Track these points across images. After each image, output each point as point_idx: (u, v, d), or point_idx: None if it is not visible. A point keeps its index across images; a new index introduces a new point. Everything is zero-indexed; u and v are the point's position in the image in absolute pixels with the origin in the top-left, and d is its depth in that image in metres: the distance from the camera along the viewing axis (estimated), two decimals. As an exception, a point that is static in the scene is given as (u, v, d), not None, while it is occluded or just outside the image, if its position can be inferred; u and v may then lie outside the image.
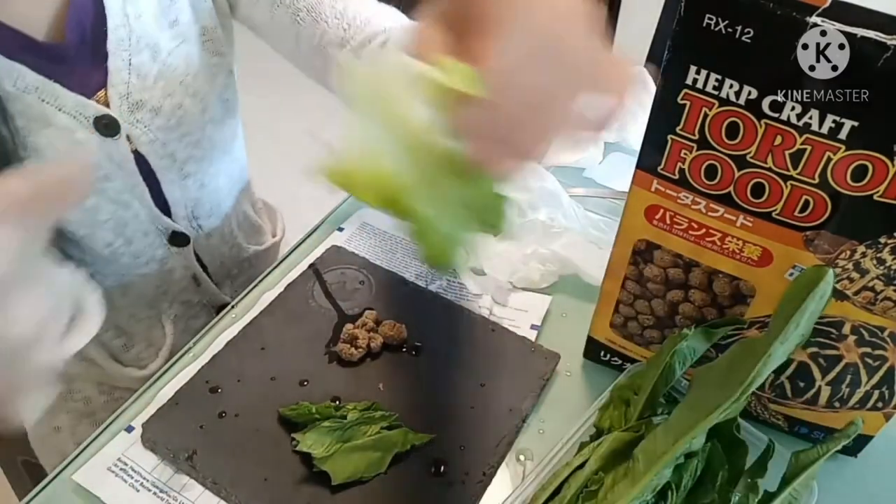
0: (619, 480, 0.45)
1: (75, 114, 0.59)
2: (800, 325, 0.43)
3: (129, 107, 0.62)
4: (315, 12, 0.67)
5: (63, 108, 0.58)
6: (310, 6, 0.67)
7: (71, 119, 0.59)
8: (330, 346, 0.61)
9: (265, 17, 0.69)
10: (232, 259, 0.83)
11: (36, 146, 0.57)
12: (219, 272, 0.81)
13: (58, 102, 0.57)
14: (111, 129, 0.61)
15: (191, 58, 0.65)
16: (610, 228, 0.70)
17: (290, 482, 0.51)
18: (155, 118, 0.64)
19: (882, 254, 0.43)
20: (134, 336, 0.76)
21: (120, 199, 0.65)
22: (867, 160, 0.39)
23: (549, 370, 0.60)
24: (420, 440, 0.53)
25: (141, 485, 0.52)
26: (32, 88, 0.56)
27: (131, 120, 0.62)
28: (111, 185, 0.63)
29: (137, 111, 0.62)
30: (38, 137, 0.57)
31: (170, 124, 0.65)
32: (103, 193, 0.63)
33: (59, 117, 0.58)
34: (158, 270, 0.73)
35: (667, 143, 0.45)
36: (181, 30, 0.64)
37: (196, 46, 0.66)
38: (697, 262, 0.50)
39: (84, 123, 0.59)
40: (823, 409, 0.53)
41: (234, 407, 0.56)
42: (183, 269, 0.75)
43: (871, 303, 0.45)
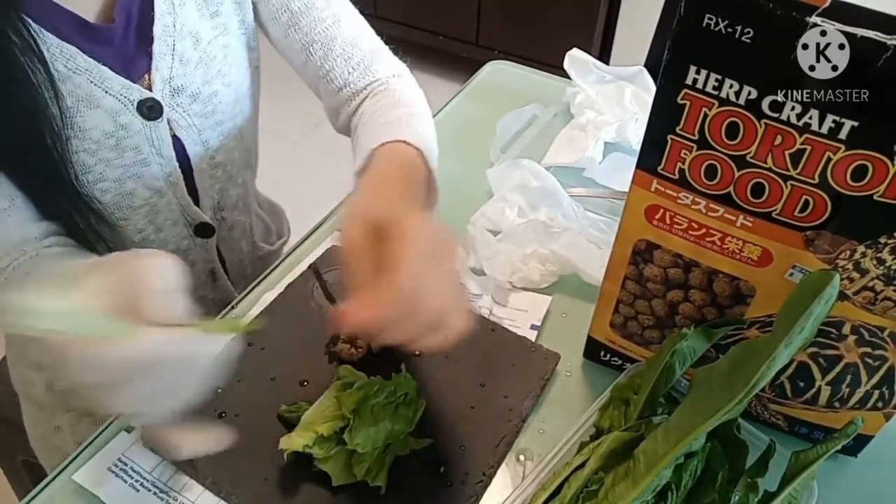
0: (619, 481, 0.45)
1: (121, 97, 0.60)
2: (805, 329, 0.43)
3: (171, 91, 0.64)
4: (327, 49, 0.69)
5: (110, 90, 0.60)
6: (324, 41, 0.69)
7: (117, 101, 0.60)
8: (330, 346, 0.61)
9: (279, 35, 0.71)
10: (248, 256, 0.85)
11: (83, 126, 0.59)
12: (235, 269, 0.83)
13: (105, 84, 0.59)
14: (154, 112, 0.63)
15: (228, 48, 0.68)
16: (610, 228, 0.70)
17: (290, 483, 0.51)
18: (193, 104, 0.66)
19: (882, 254, 0.43)
20: None
21: (155, 185, 0.66)
22: (867, 160, 0.39)
23: (549, 370, 0.60)
24: (419, 445, 0.53)
25: (141, 485, 0.52)
26: (83, 70, 0.57)
27: (172, 104, 0.64)
28: (148, 170, 0.65)
29: (178, 95, 0.64)
30: (85, 118, 0.59)
31: (206, 111, 0.67)
32: (140, 178, 0.65)
33: (106, 99, 0.59)
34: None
35: (667, 143, 0.45)
36: (221, 20, 0.66)
37: (234, 38, 0.68)
38: (697, 262, 0.50)
39: (129, 106, 0.61)
40: (823, 409, 0.53)
41: (234, 407, 0.56)
42: (204, 262, 0.77)
43: (871, 303, 0.45)
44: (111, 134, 0.61)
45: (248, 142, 0.76)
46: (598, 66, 0.92)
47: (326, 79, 0.71)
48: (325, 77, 0.71)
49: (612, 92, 0.91)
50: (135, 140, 0.63)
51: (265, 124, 0.82)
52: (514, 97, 0.94)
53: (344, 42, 0.70)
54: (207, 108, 0.67)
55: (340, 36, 0.70)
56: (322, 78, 0.71)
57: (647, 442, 0.46)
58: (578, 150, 0.84)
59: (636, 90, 0.91)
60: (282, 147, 2.26)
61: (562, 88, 0.94)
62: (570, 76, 0.91)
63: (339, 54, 0.69)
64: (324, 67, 0.70)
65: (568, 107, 0.91)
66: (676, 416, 0.46)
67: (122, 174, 0.63)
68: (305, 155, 2.25)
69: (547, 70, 1.02)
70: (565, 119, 0.90)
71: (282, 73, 0.69)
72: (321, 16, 0.69)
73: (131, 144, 0.63)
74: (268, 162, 0.84)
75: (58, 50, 0.56)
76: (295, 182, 2.13)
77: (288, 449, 0.49)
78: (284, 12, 0.69)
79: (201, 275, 0.78)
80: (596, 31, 2.27)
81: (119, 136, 0.61)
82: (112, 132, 0.61)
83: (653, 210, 0.49)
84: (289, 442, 0.50)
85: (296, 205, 1.04)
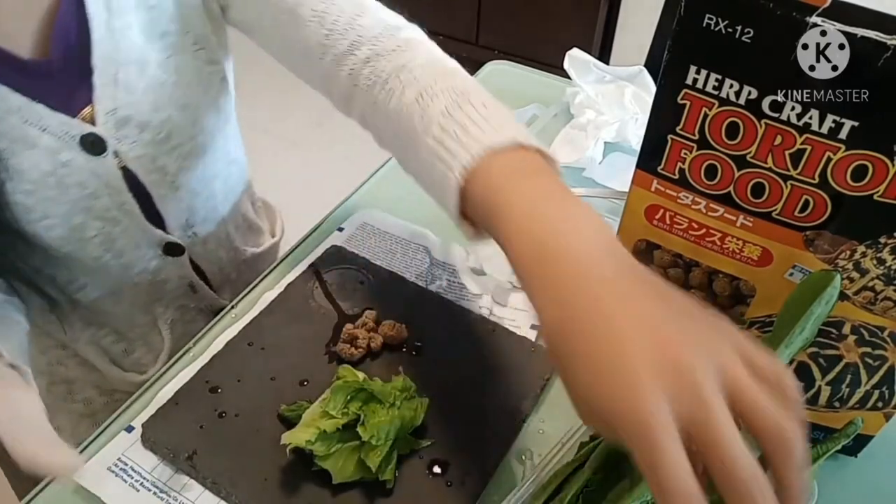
0: (618, 480, 0.45)
1: (60, 134, 0.57)
2: (805, 330, 0.43)
3: (116, 123, 0.60)
4: (295, 15, 0.59)
5: (47, 128, 0.56)
6: (290, 9, 0.60)
7: (56, 139, 0.57)
8: (330, 346, 0.61)
9: (251, 19, 0.64)
10: (230, 263, 0.82)
11: (18, 168, 0.56)
12: (217, 277, 0.80)
13: (42, 123, 0.56)
14: (97, 147, 0.59)
15: (182, 69, 0.63)
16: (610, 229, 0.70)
17: (290, 482, 0.51)
18: (142, 133, 0.62)
19: (882, 254, 0.43)
20: (134, 341, 0.76)
21: (108, 216, 0.63)
22: (867, 160, 0.39)
23: (549, 370, 0.60)
24: (420, 444, 0.53)
25: (141, 485, 0.52)
26: (15, 109, 0.54)
27: (118, 136, 0.60)
28: (98, 202, 0.62)
29: (124, 127, 0.61)
30: (21, 159, 0.56)
31: (158, 138, 0.63)
32: (90, 211, 0.61)
33: (43, 138, 0.56)
34: (151, 280, 0.71)
35: (667, 143, 0.45)
36: (171, 41, 0.62)
37: (188, 57, 0.64)
38: (697, 262, 0.50)
39: (69, 143, 0.58)
40: (823, 409, 0.53)
41: (234, 407, 0.56)
42: (178, 278, 0.74)
43: (871, 303, 0.45)
44: (50, 173, 0.57)
45: (218, 153, 0.72)
46: (598, 66, 0.92)
47: (305, 52, 0.60)
48: (303, 51, 0.60)
49: (612, 92, 0.91)
50: (78, 176, 0.59)
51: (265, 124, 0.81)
52: (514, 97, 0.94)
53: (313, 1, 0.59)
54: (160, 135, 0.63)
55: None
56: (301, 53, 0.61)
57: None
58: (578, 150, 0.84)
59: (636, 90, 0.91)
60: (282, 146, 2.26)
61: (562, 88, 0.94)
62: (570, 76, 0.91)
63: (311, 18, 0.58)
64: (298, 39, 0.60)
65: (568, 107, 0.91)
66: None
67: (69, 210, 0.60)
68: (305, 154, 2.25)
69: (547, 70, 1.02)
70: (565, 119, 0.90)
71: (281, 72, 0.69)
72: None
73: (75, 181, 0.59)
74: (267, 161, 0.84)
75: None
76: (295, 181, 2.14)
77: (290, 444, 0.49)
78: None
79: (178, 288, 0.75)
80: (596, 31, 2.27)
81: (60, 174, 0.58)
82: (51, 171, 0.57)
83: (653, 210, 0.49)
84: (291, 436, 0.50)
85: (295, 204, 1.04)
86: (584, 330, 0.35)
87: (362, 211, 0.76)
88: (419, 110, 0.50)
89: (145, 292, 0.72)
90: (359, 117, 0.60)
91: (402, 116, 0.52)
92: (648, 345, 0.33)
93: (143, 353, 0.77)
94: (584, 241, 0.39)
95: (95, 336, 0.74)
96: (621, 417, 0.32)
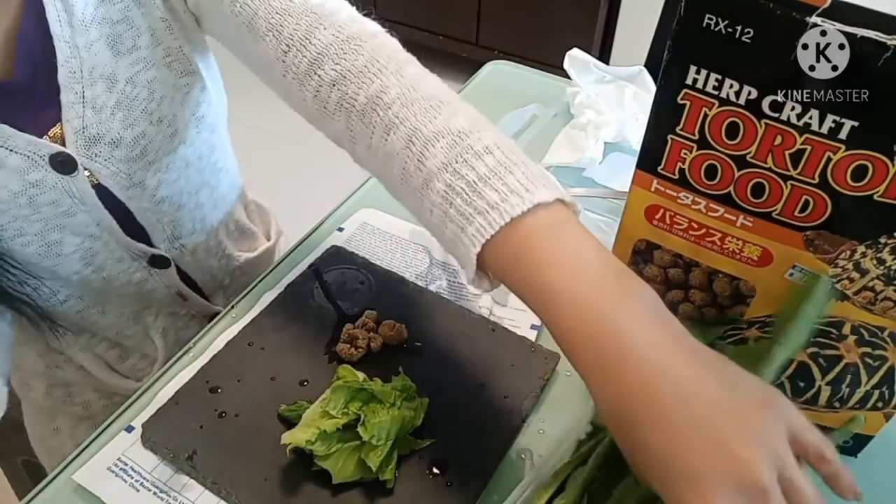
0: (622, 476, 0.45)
1: (29, 153, 0.56)
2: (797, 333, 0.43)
3: (86, 141, 0.59)
4: (253, 27, 0.53)
5: (15, 148, 0.55)
6: (248, 21, 0.53)
7: (24, 159, 0.56)
8: (330, 346, 0.61)
9: (224, 34, 0.59)
10: (222, 270, 0.80)
11: None
12: (209, 284, 0.79)
13: (9, 143, 0.55)
14: (67, 166, 0.58)
15: (154, 83, 0.61)
16: (610, 228, 0.70)
17: (291, 482, 0.51)
18: (115, 150, 0.60)
19: (882, 254, 0.43)
20: (128, 349, 0.75)
21: (86, 231, 0.62)
22: (867, 160, 0.39)
23: (549, 370, 0.60)
24: (420, 444, 0.53)
25: (141, 485, 0.52)
26: None
27: (89, 154, 0.59)
28: (74, 220, 0.60)
29: (95, 145, 0.59)
30: None
31: (133, 155, 0.62)
32: (65, 228, 0.60)
33: (11, 158, 0.55)
34: (137, 291, 0.70)
35: (667, 143, 0.45)
36: (141, 55, 0.60)
37: (161, 69, 0.61)
38: (697, 262, 0.50)
39: (39, 163, 0.56)
40: (823, 409, 0.53)
41: (234, 407, 0.56)
42: (165, 287, 0.73)
43: (871, 303, 0.45)
44: (21, 193, 0.56)
45: (203, 163, 0.70)
46: (598, 66, 0.92)
47: (267, 67, 0.54)
48: (265, 67, 0.54)
49: (612, 92, 0.91)
50: (51, 195, 0.58)
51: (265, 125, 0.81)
52: (514, 97, 0.94)
53: (269, 11, 0.52)
54: (134, 151, 0.61)
55: (263, 6, 0.52)
56: (264, 69, 0.55)
57: None
58: (578, 150, 0.84)
59: (636, 90, 0.91)
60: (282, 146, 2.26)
61: (562, 88, 0.94)
62: (570, 76, 0.91)
63: (267, 31, 0.52)
64: (257, 53, 0.54)
65: (568, 107, 0.91)
66: None
67: (44, 227, 0.59)
68: (306, 154, 2.25)
69: (547, 70, 1.02)
70: (565, 119, 0.90)
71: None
72: None
73: (47, 200, 0.58)
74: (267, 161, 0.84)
75: None
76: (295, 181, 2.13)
77: (290, 443, 0.50)
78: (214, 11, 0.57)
79: (166, 297, 0.73)
80: (596, 31, 2.27)
81: (31, 193, 0.57)
82: (21, 191, 0.56)
83: (653, 210, 0.49)
84: (291, 436, 0.50)
85: (295, 205, 1.04)
86: (645, 430, 0.37)
87: (362, 211, 0.76)
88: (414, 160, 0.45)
89: (133, 302, 0.71)
90: (334, 139, 0.54)
91: (393, 161, 0.47)
92: (711, 448, 0.35)
93: (137, 360, 0.76)
94: (637, 323, 0.38)
95: (89, 343, 0.73)
96: None
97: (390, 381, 0.55)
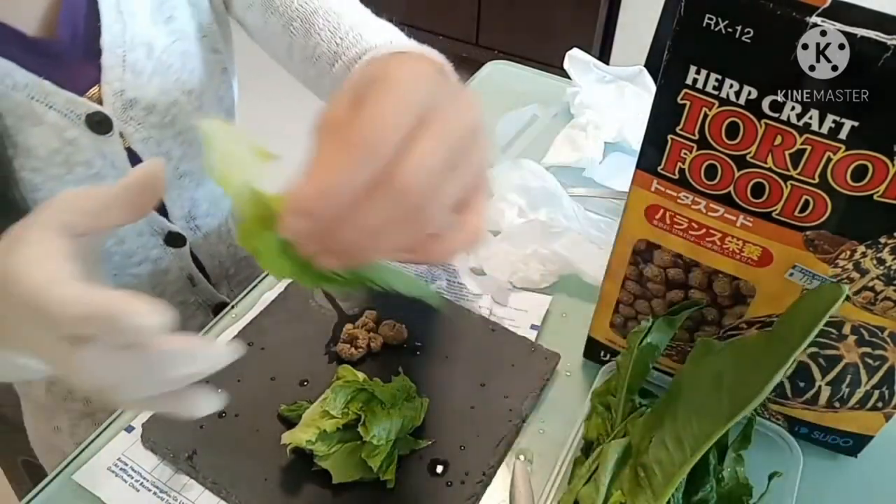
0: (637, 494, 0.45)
1: (66, 111, 0.58)
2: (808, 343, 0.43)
3: (123, 104, 0.61)
4: (308, 23, 0.65)
5: (54, 105, 0.57)
6: (304, 17, 0.65)
7: (62, 117, 0.58)
8: (330, 346, 0.61)
9: (258, 22, 0.68)
10: (229, 258, 0.82)
11: (25, 145, 0.57)
12: (216, 272, 0.80)
13: (48, 100, 0.57)
14: (103, 126, 0.60)
15: (187, 55, 0.65)
16: (610, 228, 0.70)
17: (290, 482, 0.51)
18: (149, 116, 0.63)
19: (882, 254, 0.43)
20: None
21: None
22: (867, 160, 0.39)
23: (549, 370, 0.60)
24: (420, 444, 0.53)
25: (141, 485, 0.52)
26: (22, 86, 0.55)
27: (124, 117, 0.62)
28: (103, 183, 0.62)
29: (131, 109, 0.62)
30: (28, 136, 0.57)
31: (164, 122, 0.64)
32: None
33: (49, 115, 0.57)
34: (152, 270, 0.72)
35: (667, 143, 0.45)
36: (177, 26, 0.64)
37: (193, 44, 0.65)
38: (697, 262, 0.50)
39: (76, 121, 0.58)
40: (823, 409, 0.53)
41: (234, 407, 0.56)
42: (178, 269, 0.74)
43: (871, 303, 0.45)
44: (58, 150, 0.58)
45: None
46: (598, 66, 0.92)
47: (314, 58, 0.65)
48: (311, 57, 0.65)
49: (612, 92, 0.91)
50: (85, 155, 0.60)
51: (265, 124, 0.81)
52: (514, 97, 0.94)
53: (326, 12, 0.65)
54: (165, 118, 0.64)
55: (321, 7, 0.65)
56: (309, 59, 0.66)
57: (658, 450, 0.46)
58: (578, 150, 0.84)
59: (636, 90, 0.91)
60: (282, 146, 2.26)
61: (562, 88, 0.94)
62: (570, 76, 0.91)
63: (323, 26, 0.64)
64: (308, 45, 0.65)
65: (568, 107, 0.91)
66: (683, 422, 0.46)
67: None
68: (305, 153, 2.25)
69: (547, 70, 1.02)
70: (565, 119, 0.90)
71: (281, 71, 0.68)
72: None
73: (81, 160, 0.60)
74: (268, 162, 0.84)
75: None
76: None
77: (290, 443, 0.50)
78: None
79: (178, 281, 0.75)
80: (596, 31, 2.27)
81: (66, 152, 0.59)
82: (59, 149, 0.58)
83: (653, 210, 0.49)
84: (292, 436, 0.50)
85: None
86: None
87: (362, 211, 0.76)
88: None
89: (146, 284, 0.73)
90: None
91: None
92: None
93: None
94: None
95: None
96: None
97: (390, 382, 0.55)
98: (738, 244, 0.47)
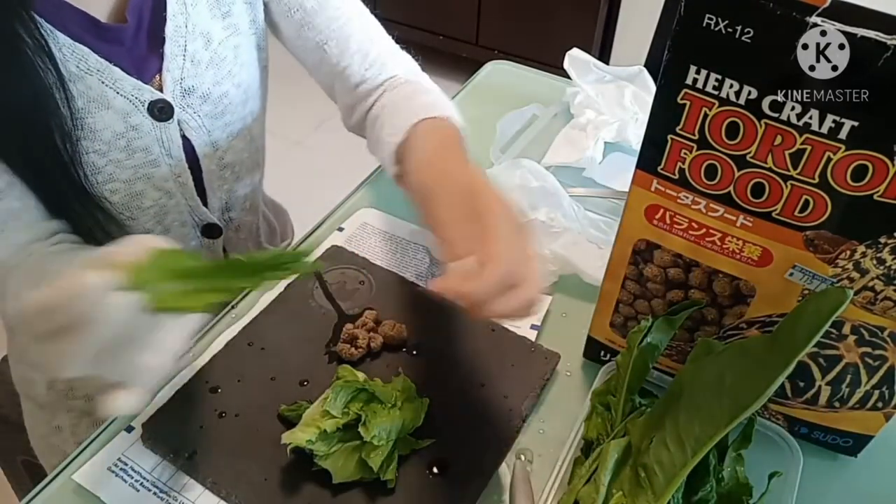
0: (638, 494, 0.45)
1: (132, 97, 0.60)
2: None
3: (182, 91, 0.64)
4: (343, 47, 0.69)
5: (121, 91, 0.60)
6: (339, 39, 0.69)
7: (127, 102, 0.60)
8: (330, 346, 0.61)
9: (292, 33, 0.71)
10: None
11: (93, 127, 0.59)
12: None
13: (117, 85, 0.59)
14: (165, 113, 0.63)
15: (239, 48, 0.68)
16: (610, 228, 0.70)
17: (291, 482, 0.51)
18: (203, 104, 0.66)
19: (882, 254, 0.43)
20: None
21: (165, 186, 0.66)
22: (867, 160, 0.39)
23: (549, 370, 0.60)
24: (420, 444, 0.53)
25: (141, 485, 0.52)
26: (94, 70, 0.58)
27: (183, 105, 0.64)
28: (158, 171, 0.65)
29: (188, 96, 0.65)
30: (96, 119, 0.59)
31: (216, 111, 0.67)
32: (150, 179, 0.65)
33: (117, 100, 0.60)
34: None
35: (667, 142, 0.45)
36: (233, 21, 0.67)
37: (244, 38, 0.68)
38: (697, 262, 0.50)
39: (139, 107, 0.61)
40: (823, 409, 0.53)
41: (234, 407, 0.56)
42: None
43: (871, 303, 0.45)
44: (122, 135, 0.61)
45: (257, 142, 0.76)
46: (598, 66, 0.92)
47: (342, 76, 0.71)
48: (340, 74, 0.71)
49: (612, 92, 0.91)
50: (145, 141, 0.63)
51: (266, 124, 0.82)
52: (514, 97, 0.94)
53: (360, 40, 0.70)
54: (217, 108, 0.67)
55: (356, 34, 0.70)
56: (338, 75, 0.71)
57: (659, 451, 0.46)
58: (578, 150, 0.84)
59: (636, 90, 0.91)
60: (283, 147, 2.26)
61: (562, 88, 0.94)
62: (570, 76, 0.91)
63: (356, 51, 0.69)
64: (340, 65, 0.70)
65: (568, 107, 0.91)
66: (684, 424, 0.46)
67: (132, 175, 0.64)
68: (306, 155, 2.25)
69: (547, 70, 1.02)
70: (565, 119, 0.90)
71: (284, 72, 0.69)
72: (336, 14, 0.69)
73: (141, 145, 0.63)
74: (269, 162, 0.84)
75: (69, 50, 0.56)
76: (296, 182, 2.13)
77: (290, 443, 0.50)
78: (298, 10, 0.69)
79: None
80: (596, 31, 2.27)
81: (129, 136, 0.61)
82: (122, 133, 0.61)
83: (653, 210, 0.49)
84: (292, 436, 0.50)
85: (296, 205, 1.04)
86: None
87: (362, 211, 0.76)
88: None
89: None
90: (355, 125, 0.74)
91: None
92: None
93: None
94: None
95: None
96: None
97: (390, 382, 0.55)
98: (738, 244, 0.47)
